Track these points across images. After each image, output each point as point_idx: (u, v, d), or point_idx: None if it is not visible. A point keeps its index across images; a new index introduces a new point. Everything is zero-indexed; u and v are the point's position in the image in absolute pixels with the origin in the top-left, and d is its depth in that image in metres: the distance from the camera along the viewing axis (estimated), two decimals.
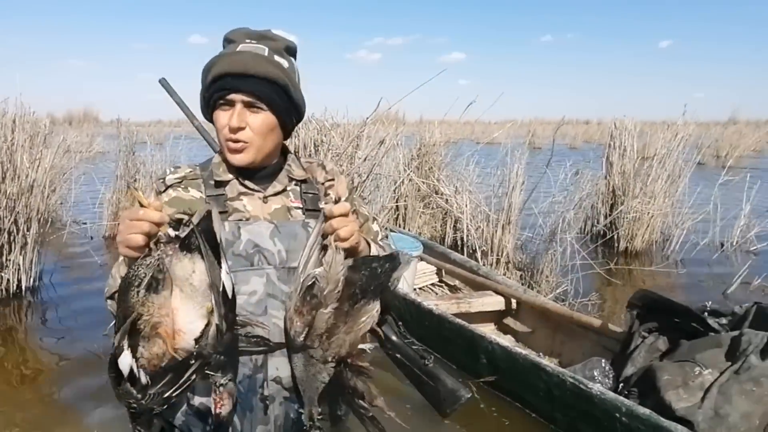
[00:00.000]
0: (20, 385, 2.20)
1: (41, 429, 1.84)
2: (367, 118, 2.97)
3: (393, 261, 1.31)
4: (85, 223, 4.96)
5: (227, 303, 1.20)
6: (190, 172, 1.52)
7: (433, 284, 3.29)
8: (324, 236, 1.30)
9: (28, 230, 3.13)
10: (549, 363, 1.86)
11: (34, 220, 3.17)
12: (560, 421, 1.80)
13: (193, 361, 1.22)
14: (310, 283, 1.26)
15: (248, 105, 1.40)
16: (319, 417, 1.38)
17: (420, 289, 3.19)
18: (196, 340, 1.21)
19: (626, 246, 4.64)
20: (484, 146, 4.73)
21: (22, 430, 1.82)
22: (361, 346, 1.37)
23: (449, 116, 4.21)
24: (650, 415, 1.50)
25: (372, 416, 1.42)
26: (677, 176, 4.70)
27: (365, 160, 3.06)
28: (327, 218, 1.30)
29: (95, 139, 7.79)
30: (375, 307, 1.33)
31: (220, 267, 1.18)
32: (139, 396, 1.21)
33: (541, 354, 2.06)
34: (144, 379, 1.20)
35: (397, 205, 4.44)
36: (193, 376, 1.23)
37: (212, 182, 1.48)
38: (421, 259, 3.27)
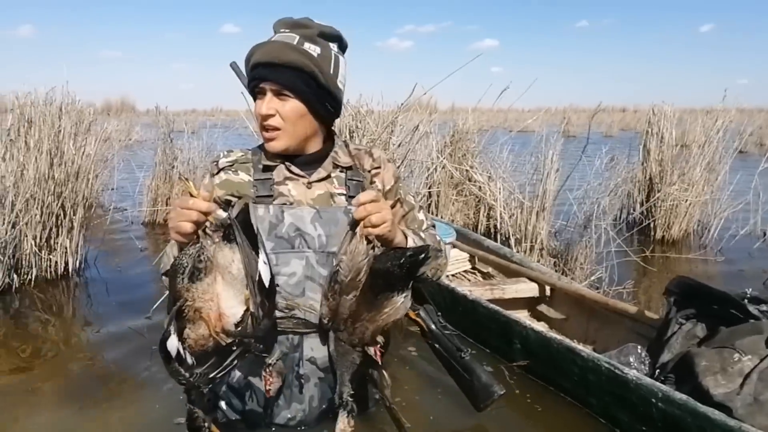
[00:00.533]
0: (67, 357, 2.30)
1: (87, 398, 1.93)
2: (402, 104, 2.98)
3: (420, 254, 1.33)
4: (125, 209, 5.12)
5: (263, 292, 1.26)
6: (242, 156, 1.59)
7: (465, 271, 3.30)
8: (356, 224, 1.33)
9: (74, 215, 3.25)
10: (584, 348, 1.86)
11: (80, 205, 3.29)
12: (595, 406, 1.80)
13: (234, 348, 1.28)
14: (335, 270, 1.32)
15: (277, 93, 1.45)
16: (350, 397, 1.42)
17: (453, 275, 3.21)
18: (237, 324, 1.27)
19: (663, 234, 4.56)
20: (518, 134, 4.69)
21: (68, 399, 1.91)
22: (381, 338, 1.40)
23: (482, 103, 4.19)
24: (687, 400, 1.49)
25: (391, 406, 1.46)
26: (717, 163, 4.59)
27: (399, 146, 3.08)
28: (356, 205, 1.34)
29: (133, 128, 7.99)
30: (400, 300, 1.36)
31: (258, 257, 1.23)
32: (187, 374, 1.28)
33: (575, 341, 2.05)
34: (190, 360, 1.27)
35: (429, 192, 4.45)
36: (235, 362, 1.30)
37: (260, 167, 1.54)
38: (454, 246, 3.29)
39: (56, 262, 3.25)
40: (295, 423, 1.58)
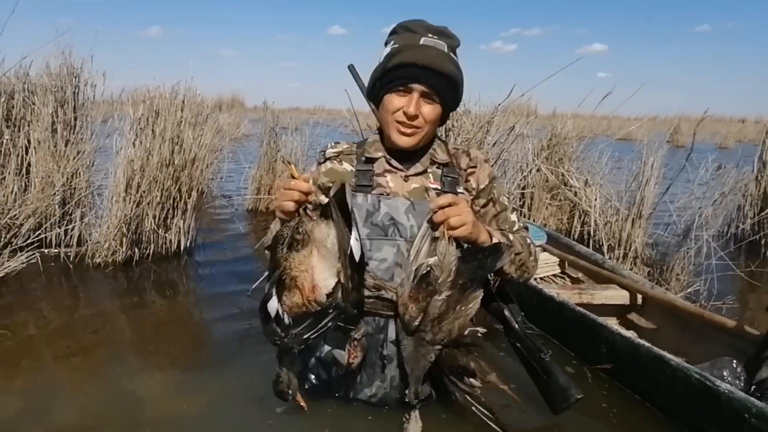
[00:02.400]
0: (176, 327, 2.54)
1: (189, 364, 2.13)
2: (499, 105, 3.01)
3: (496, 252, 1.40)
4: (231, 197, 5.49)
5: (353, 265, 1.37)
6: (347, 148, 1.73)
7: (555, 275, 3.26)
8: (435, 227, 1.40)
9: (188, 198, 3.56)
10: (674, 357, 1.81)
11: (194, 189, 3.60)
12: (682, 418, 1.75)
13: (331, 311, 1.40)
14: (424, 272, 1.39)
15: (424, 95, 1.56)
16: (422, 397, 1.50)
17: (542, 279, 3.19)
18: (328, 295, 1.38)
19: None
20: (621, 142, 4.54)
21: (175, 364, 2.12)
22: (472, 328, 1.46)
23: (584, 108, 4.10)
24: None
25: (477, 395, 1.51)
26: None
27: (494, 145, 3.10)
28: (435, 210, 1.41)
29: (242, 122, 8.50)
30: (480, 294, 1.42)
31: (350, 234, 1.34)
32: (283, 335, 1.43)
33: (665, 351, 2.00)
34: (287, 320, 1.42)
35: (522, 193, 4.41)
36: (330, 324, 1.42)
37: (363, 158, 1.66)
38: (544, 250, 3.26)
39: (170, 240, 3.57)
40: (375, 401, 1.68)
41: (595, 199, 3.89)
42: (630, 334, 2.11)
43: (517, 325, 1.67)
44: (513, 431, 1.56)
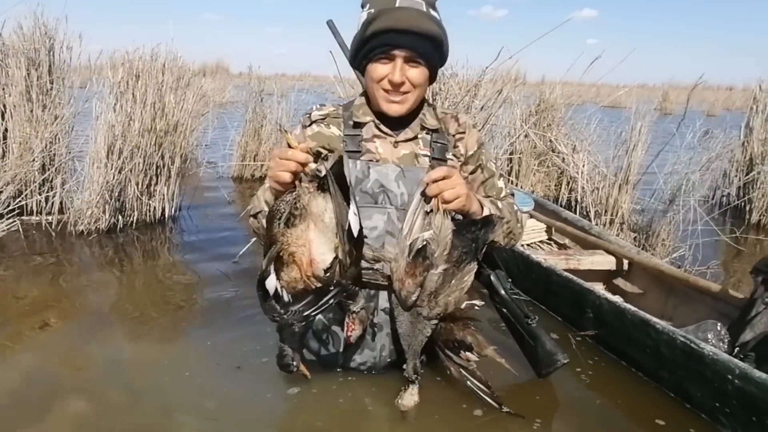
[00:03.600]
0: (161, 293, 2.51)
1: (176, 331, 2.12)
2: (486, 67, 2.96)
3: (489, 225, 1.39)
4: (216, 164, 5.41)
5: (351, 240, 1.33)
6: (333, 111, 1.67)
7: (542, 241, 3.27)
8: (428, 200, 1.36)
9: (172, 165, 3.50)
10: (659, 321, 1.83)
11: (177, 156, 3.53)
12: (666, 380, 1.77)
13: (332, 288, 1.36)
14: (420, 246, 1.35)
15: (408, 60, 1.50)
16: (421, 371, 1.51)
17: (528, 245, 3.19)
18: (326, 270, 1.35)
19: (759, 218, 4.28)
20: (610, 109, 4.52)
21: (162, 329, 2.11)
22: (469, 302, 1.45)
23: (573, 75, 4.06)
24: (766, 378, 1.45)
25: (472, 369, 1.50)
26: None
27: (482, 109, 3.06)
28: (428, 183, 1.36)
29: (226, 88, 8.34)
30: (475, 267, 1.41)
31: (348, 208, 1.30)
32: (282, 311, 1.39)
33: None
34: (286, 297, 1.38)
35: (510, 159, 4.39)
36: (332, 301, 1.39)
37: (351, 123, 1.61)
38: (531, 216, 3.26)
39: (155, 208, 3.52)
40: (365, 368, 1.68)
41: (583, 166, 3.89)
42: (616, 298, 2.12)
43: (503, 291, 1.67)
44: (505, 404, 1.56)
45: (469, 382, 1.53)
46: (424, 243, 1.34)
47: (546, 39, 2.91)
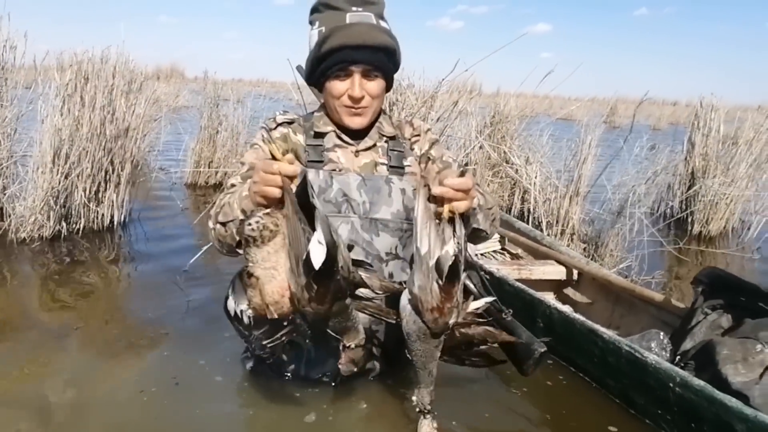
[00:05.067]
0: (108, 303, 2.43)
1: (123, 344, 2.04)
2: (443, 79, 3.00)
3: (470, 219, 1.34)
4: (169, 170, 5.28)
5: (309, 273, 1.12)
6: (296, 119, 1.66)
7: (495, 251, 3.32)
8: (438, 205, 1.22)
9: (122, 171, 3.39)
10: (606, 331, 1.88)
11: (128, 162, 3.44)
12: (612, 387, 1.82)
13: (285, 323, 1.28)
14: (451, 263, 1.14)
15: (365, 74, 1.52)
16: (430, 403, 1.35)
17: (482, 255, 3.24)
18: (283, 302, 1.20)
19: (700, 230, 4.47)
20: (561, 121, 4.65)
21: (107, 342, 2.03)
22: (479, 301, 1.38)
23: (526, 87, 4.15)
24: (705, 386, 1.50)
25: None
26: (764, 162, 4.46)
27: (438, 120, 3.10)
28: (433, 196, 1.21)
29: (181, 92, 8.17)
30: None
31: (313, 233, 1.13)
32: (246, 333, 1.32)
33: (599, 325, 2.07)
34: (246, 320, 1.29)
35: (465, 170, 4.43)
36: (283, 338, 1.30)
37: (312, 133, 1.61)
38: None
39: (103, 215, 3.40)
40: (328, 378, 1.66)
41: (536, 177, 3.98)
42: (566, 308, 2.17)
43: (475, 288, 1.66)
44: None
45: (467, 363, 1.46)
46: (454, 258, 1.15)
47: (501, 51, 2.98)
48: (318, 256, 1.09)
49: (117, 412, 1.57)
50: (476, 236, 1.57)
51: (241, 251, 1.26)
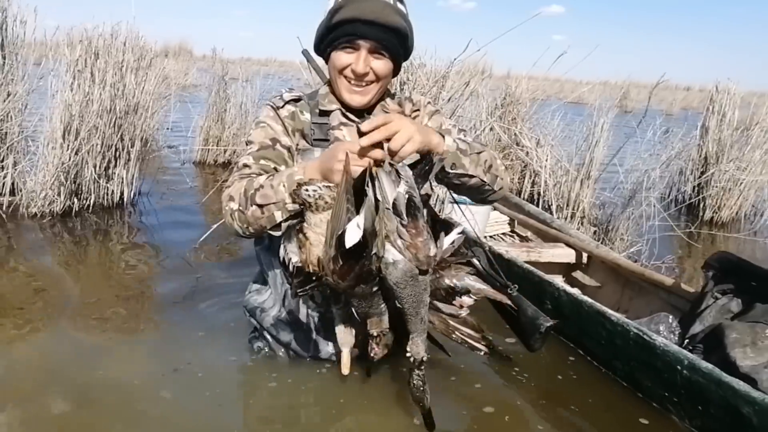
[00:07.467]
0: (118, 279, 2.44)
1: (133, 320, 2.06)
2: (455, 59, 2.97)
3: (431, 162, 1.26)
4: (178, 147, 5.28)
5: (340, 248, 1.17)
6: (302, 96, 1.65)
7: (504, 234, 3.32)
8: (378, 163, 1.22)
9: (131, 147, 3.40)
10: (614, 313, 1.87)
11: (137, 138, 3.44)
12: (619, 370, 1.82)
13: (314, 278, 1.33)
14: (405, 201, 1.17)
15: (372, 51, 1.48)
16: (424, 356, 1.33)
17: (491, 237, 3.23)
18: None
19: (712, 216, 4.44)
20: (573, 105, 4.59)
21: (115, 321, 2.04)
22: (448, 238, 1.36)
23: (539, 70, 4.10)
24: (713, 369, 1.50)
25: (463, 317, 1.44)
26: None
27: (449, 100, 3.08)
28: (361, 134, 1.23)
29: (190, 71, 8.15)
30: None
31: (354, 216, 1.18)
32: (289, 279, 1.41)
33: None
34: (291, 268, 1.35)
35: None
36: (309, 291, 1.36)
37: (317, 111, 1.59)
38: (495, 208, 3.30)
39: (113, 191, 3.42)
40: (335, 357, 1.67)
41: (546, 160, 3.95)
42: (574, 290, 2.16)
43: (481, 265, 1.65)
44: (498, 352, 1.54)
45: (455, 335, 1.45)
46: (407, 195, 1.17)
47: (513, 33, 2.93)
48: (353, 236, 1.14)
49: (124, 391, 1.58)
50: (473, 187, 1.48)
51: (274, 233, 1.37)
